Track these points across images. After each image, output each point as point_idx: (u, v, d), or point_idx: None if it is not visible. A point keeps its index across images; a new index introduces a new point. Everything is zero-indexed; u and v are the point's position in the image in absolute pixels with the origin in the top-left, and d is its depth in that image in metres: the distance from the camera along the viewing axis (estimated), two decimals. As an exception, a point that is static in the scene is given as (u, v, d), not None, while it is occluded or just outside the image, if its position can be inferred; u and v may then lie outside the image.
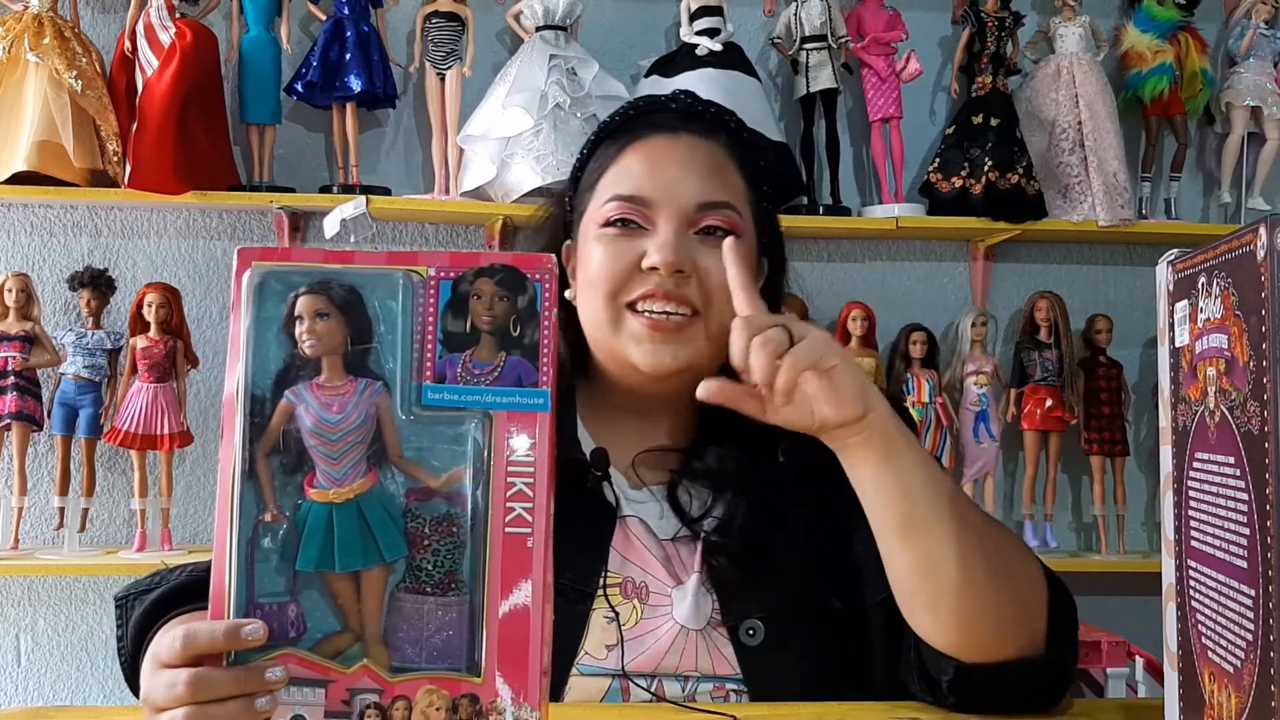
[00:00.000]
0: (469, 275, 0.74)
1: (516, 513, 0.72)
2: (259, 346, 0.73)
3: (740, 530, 1.03)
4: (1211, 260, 0.70)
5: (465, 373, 0.73)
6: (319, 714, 0.71)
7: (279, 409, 0.73)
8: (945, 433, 2.57)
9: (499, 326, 0.73)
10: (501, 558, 0.71)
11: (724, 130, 1.10)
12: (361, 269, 0.74)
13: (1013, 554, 0.92)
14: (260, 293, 0.73)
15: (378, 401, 0.73)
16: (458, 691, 0.71)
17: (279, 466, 0.72)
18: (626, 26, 2.69)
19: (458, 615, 0.72)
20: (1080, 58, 2.64)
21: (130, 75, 2.39)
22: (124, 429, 2.34)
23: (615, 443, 1.08)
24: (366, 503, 0.72)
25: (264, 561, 0.72)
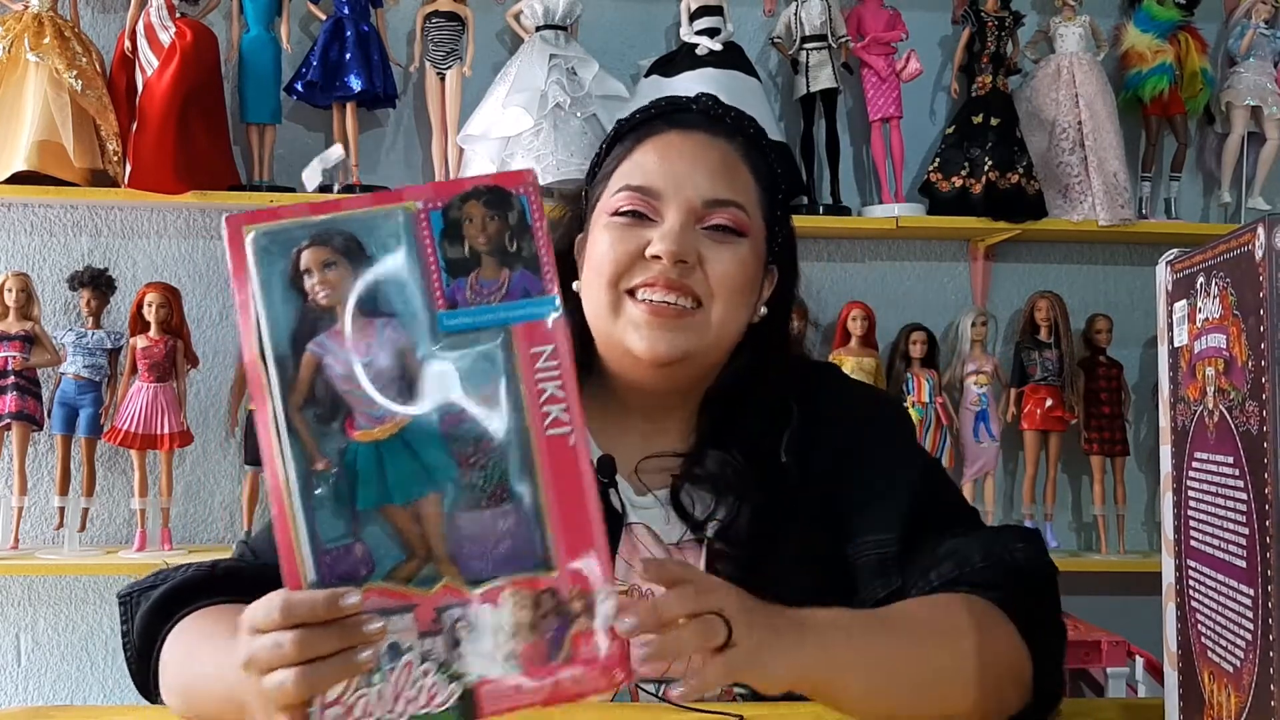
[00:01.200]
0: (456, 201, 0.76)
1: (553, 415, 0.75)
2: (269, 307, 0.74)
3: (744, 533, 1.03)
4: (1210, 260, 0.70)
5: (474, 294, 0.75)
6: (412, 635, 0.74)
7: (304, 363, 0.74)
8: (945, 433, 2.58)
9: (495, 245, 0.75)
10: (549, 460, 0.74)
11: (741, 134, 1.10)
12: (354, 213, 0.75)
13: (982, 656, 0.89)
14: (261, 254, 0.75)
15: (399, 336, 0.75)
16: (537, 588, 0.74)
17: (315, 417, 0.74)
18: (626, 26, 2.69)
19: (515, 522, 0.74)
20: (1080, 58, 2.64)
21: (130, 75, 2.39)
22: (124, 429, 2.34)
23: (620, 446, 1.08)
24: (410, 433, 0.75)
25: (321, 509, 0.74)
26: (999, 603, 0.93)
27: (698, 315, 1.03)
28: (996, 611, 0.92)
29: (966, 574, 0.96)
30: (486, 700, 0.74)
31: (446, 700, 0.74)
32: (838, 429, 1.09)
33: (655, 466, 1.08)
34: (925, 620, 0.91)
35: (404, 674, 0.74)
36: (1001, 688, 0.90)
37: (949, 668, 0.87)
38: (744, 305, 1.06)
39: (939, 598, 0.94)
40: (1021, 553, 0.99)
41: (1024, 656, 0.91)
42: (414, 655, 0.74)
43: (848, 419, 1.10)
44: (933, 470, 1.13)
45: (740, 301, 1.05)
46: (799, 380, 1.12)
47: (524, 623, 0.74)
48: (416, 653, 0.74)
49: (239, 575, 1.01)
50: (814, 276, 2.70)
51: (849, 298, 2.66)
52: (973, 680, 0.87)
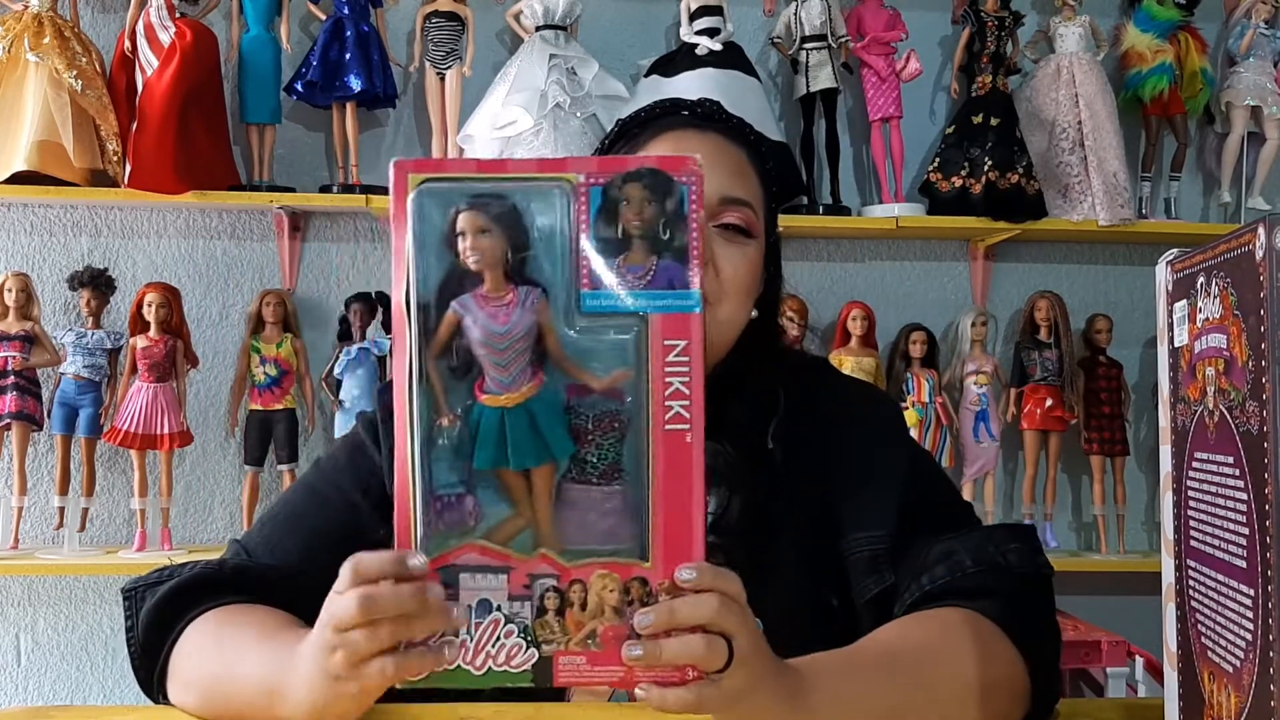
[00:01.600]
0: (617, 180, 0.76)
1: (675, 410, 0.75)
2: (422, 258, 0.75)
3: (736, 525, 1.03)
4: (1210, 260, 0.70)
5: (619, 278, 0.75)
6: (503, 596, 0.75)
7: (445, 320, 0.75)
8: (945, 432, 2.58)
9: (648, 230, 0.75)
10: (664, 454, 0.75)
11: (745, 141, 1.11)
12: (517, 181, 0.76)
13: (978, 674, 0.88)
14: (421, 205, 0.75)
15: (540, 308, 0.75)
16: (629, 575, 0.75)
17: (448, 371, 0.75)
18: (626, 26, 2.69)
19: (621, 502, 0.76)
20: (1080, 57, 2.64)
21: (130, 75, 2.39)
22: (124, 429, 2.34)
23: None
24: (535, 405, 0.76)
25: (440, 460, 0.75)
26: (993, 613, 0.93)
27: (706, 313, 1.03)
28: (992, 628, 0.92)
29: (959, 579, 0.96)
30: (561, 671, 0.75)
31: (524, 663, 0.75)
32: (831, 424, 1.09)
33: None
34: (921, 654, 0.89)
35: (489, 630, 0.75)
36: (1000, 708, 0.90)
37: (949, 701, 0.87)
38: (747, 306, 1.07)
39: (934, 618, 0.93)
40: (1014, 554, 0.98)
41: (1021, 671, 0.91)
42: (501, 614, 0.75)
43: (841, 414, 1.10)
44: (925, 466, 1.12)
45: (746, 301, 1.06)
46: (793, 375, 1.12)
47: (610, 604, 0.75)
48: (505, 612, 0.75)
49: (247, 573, 1.01)
50: (814, 276, 2.72)
51: (849, 298, 2.66)
52: (973, 708, 0.87)
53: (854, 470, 1.06)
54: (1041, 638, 0.94)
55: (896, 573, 1.00)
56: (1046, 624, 0.96)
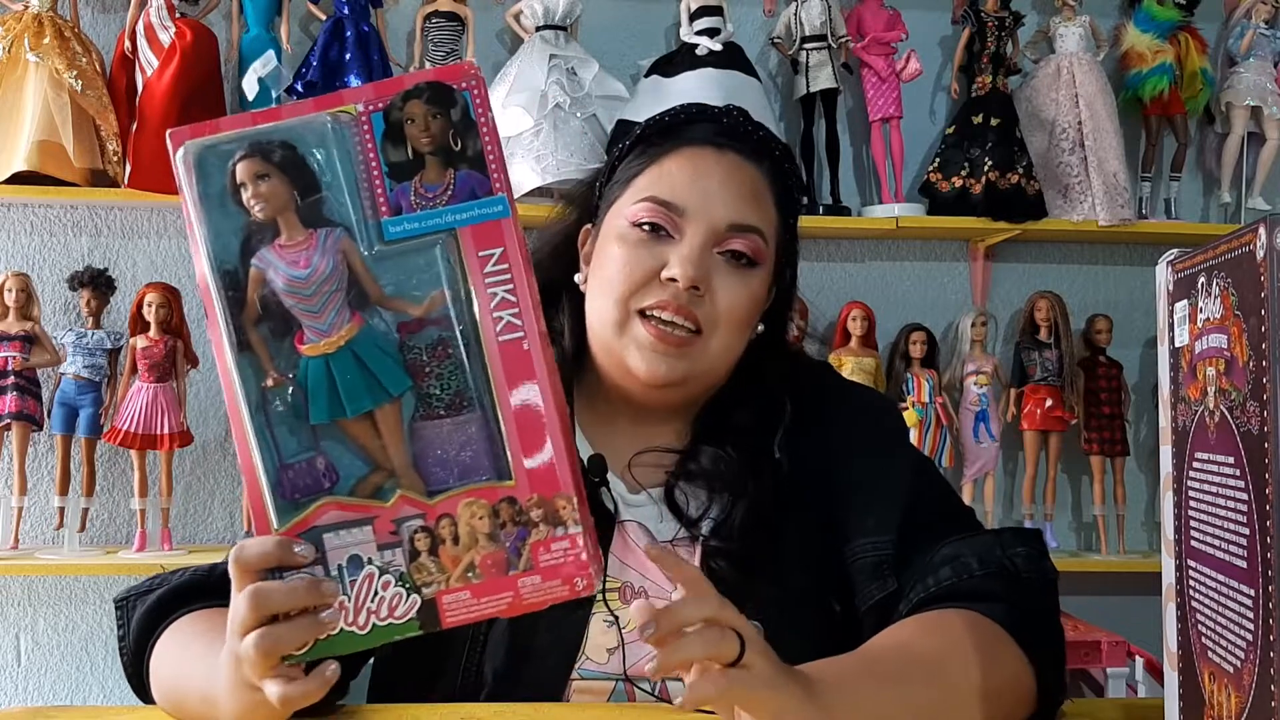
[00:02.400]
0: (396, 101, 0.73)
1: (505, 320, 0.73)
2: (211, 223, 0.73)
3: (738, 531, 1.03)
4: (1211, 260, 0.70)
5: (418, 199, 0.73)
6: (371, 548, 0.73)
7: (250, 279, 0.73)
8: (945, 433, 2.58)
9: (439, 145, 0.73)
10: (503, 365, 0.73)
11: (768, 157, 1.09)
12: (289, 122, 0.73)
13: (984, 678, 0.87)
14: (200, 169, 0.73)
15: (342, 247, 0.73)
16: (495, 498, 0.73)
17: (269, 333, 0.73)
18: (626, 26, 2.69)
19: (476, 429, 0.73)
20: (1080, 58, 2.64)
21: (130, 75, 2.39)
22: (124, 429, 2.34)
23: (612, 445, 1.08)
24: (359, 345, 0.73)
25: (280, 425, 0.73)
26: (998, 616, 0.92)
27: (698, 343, 1.02)
28: (998, 631, 0.91)
29: (965, 582, 0.95)
30: (447, 611, 0.73)
31: (408, 611, 0.73)
32: (833, 429, 1.09)
33: (648, 464, 1.08)
34: (930, 657, 0.89)
35: (365, 586, 0.73)
36: (1005, 710, 0.90)
37: (957, 704, 0.86)
38: (745, 335, 1.06)
39: (941, 621, 0.93)
40: (1020, 558, 0.98)
41: (1028, 673, 0.91)
42: (374, 567, 0.73)
43: (843, 419, 1.10)
44: (927, 471, 1.12)
45: (741, 333, 1.05)
46: (794, 379, 1.12)
47: (482, 532, 0.73)
48: (376, 564, 0.73)
49: None
50: (814, 276, 2.71)
51: (849, 298, 2.66)
52: (980, 711, 0.86)
53: (858, 477, 1.06)
54: (1046, 640, 0.94)
55: (900, 578, 1.00)
56: (1051, 627, 0.96)
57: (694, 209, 1.03)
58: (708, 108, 1.12)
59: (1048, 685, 0.92)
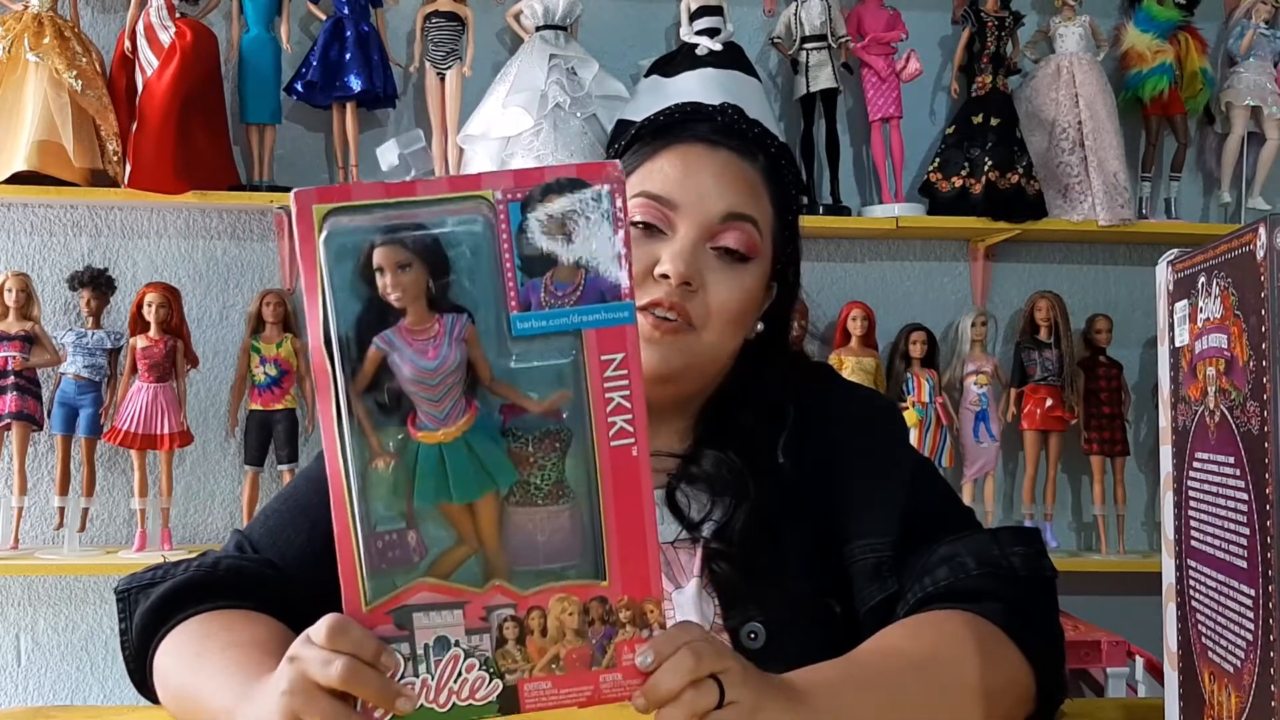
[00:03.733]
0: (536, 194, 0.72)
1: (618, 426, 0.73)
2: (337, 295, 0.71)
3: (740, 534, 1.03)
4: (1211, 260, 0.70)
5: (549, 297, 0.72)
6: (460, 631, 0.73)
7: (369, 357, 0.71)
8: (945, 433, 2.58)
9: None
10: (612, 469, 0.73)
11: (763, 153, 1.09)
12: (430, 205, 0.72)
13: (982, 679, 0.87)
14: (332, 248, 0.71)
15: (467, 336, 0.72)
16: (587, 596, 0.74)
17: (376, 407, 0.72)
18: (626, 26, 2.69)
19: (569, 521, 0.74)
20: (1080, 58, 2.64)
21: (130, 75, 2.39)
22: (124, 429, 2.34)
23: None
24: (473, 437, 0.73)
25: (377, 497, 0.73)
26: (996, 616, 0.92)
27: (690, 335, 1.02)
28: (995, 630, 0.91)
29: (962, 581, 0.95)
30: (528, 698, 0.74)
31: (489, 695, 0.74)
32: (833, 430, 1.09)
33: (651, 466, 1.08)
34: (921, 659, 0.89)
35: (449, 666, 0.73)
36: (1004, 711, 0.89)
37: (952, 705, 0.86)
38: (738, 331, 1.06)
39: (936, 621, 0.92)
40: (1019, 558, 0.98)
41: (1027, 674, 0.91)
42: (460, 650, 0.73)
43: (843, 421, 1.10)
44: (927, 472, 1.12)
45: (735, 328, 1.05)
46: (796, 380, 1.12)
47: (571, 627, 0.74)
48: (463, 647, 0.73)
49: (241, 574, 1.00)
50: (814, 276, 2.70)
51: (849, 298, 2.66)
52: (977, 711, 0.86)
53: (858, 479, 1.06)
54: (1045, 639, 0.94)
55: (900, 580, 1.00)
56: (1050, 626, 0.96)
57: (686, 203, 1.03)
58: (702, 106, 1.12)
59: (1047, 684, 0.92)
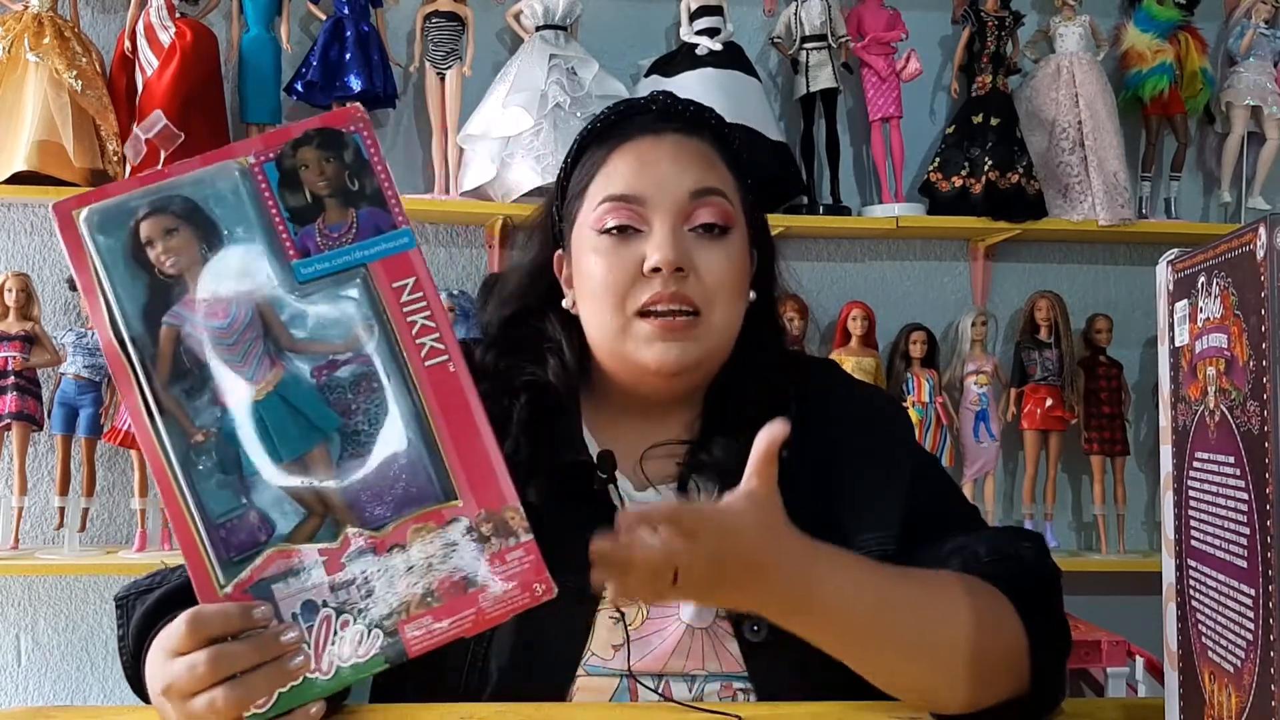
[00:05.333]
0: (288, 149, 0.75)
1: (428, 345, 0.74)
2: (116, 286, 0.73)
3: None
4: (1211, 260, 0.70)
5: (324, 240, 0.75)
6: (325, 591, 0.73)
7: (163, 336, 0.73)
8: (945, 432, 2.58)
9: (336, 187, 0.75)
10: (434, 389, 0.74)
11: (706, 127, 1.10)
12: (188, 176, 0.74)
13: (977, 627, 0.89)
14: (98, 233, 0.72)
15: (254, 294, 0.73)
16: (444, 520, 0.74)
17: (183, 392, 0.73)
18: (626, 26, 2.69)
19: (408, 459, 0.74)
20: (1080, 57, 2.64)
21: (130, 75, 2.39)
22: (124, 429, 2.34)
23: (620, 444, 1.08)
24: (285, 389, 0.74)
25: (205, 482, 0.73)
26: (1007, 592, 0.93)
27: (700, 323, 1.03)
28: (1005, 602, 0.92)
29: (972, 569, 0.96)
30: (412, 640, 0.73)
31: (371, 648, 0.73)
32: (837, 427, 1.09)
33: (660, 456, 1.08)
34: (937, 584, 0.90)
35: (323, 630, 0.73)
36: (995, 669, 0.90)
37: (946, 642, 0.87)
38: (739, 302, 1.07)
39: (957, 574, 0.94)
40: (1028, 552, 0.99)
41: (1023, 645, 0.91)
42: (330, 609, 0.73)
43: (848, 416, 1.10)
44: (931, 468, 1.13)
45: (736, 301, 1.06)
46: (801, 376, 1.12)
47: (435, 555, 0.73)
48: (332, 606, 0.73)
49: None
50: (814, 276, 2.71)
51: (849, 298, 2.66)
52: (964, 650, 0.87)
53: (862, 474, 1.06)
54: (1050, 628, 0.94)
55: None
56: (1055, 617, 0.96)
57: (652, 195, 1.04)
58: (634, 101, 1.13)
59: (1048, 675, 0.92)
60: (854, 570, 0.86)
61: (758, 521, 0.80)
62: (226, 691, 0.71)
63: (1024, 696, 0.91)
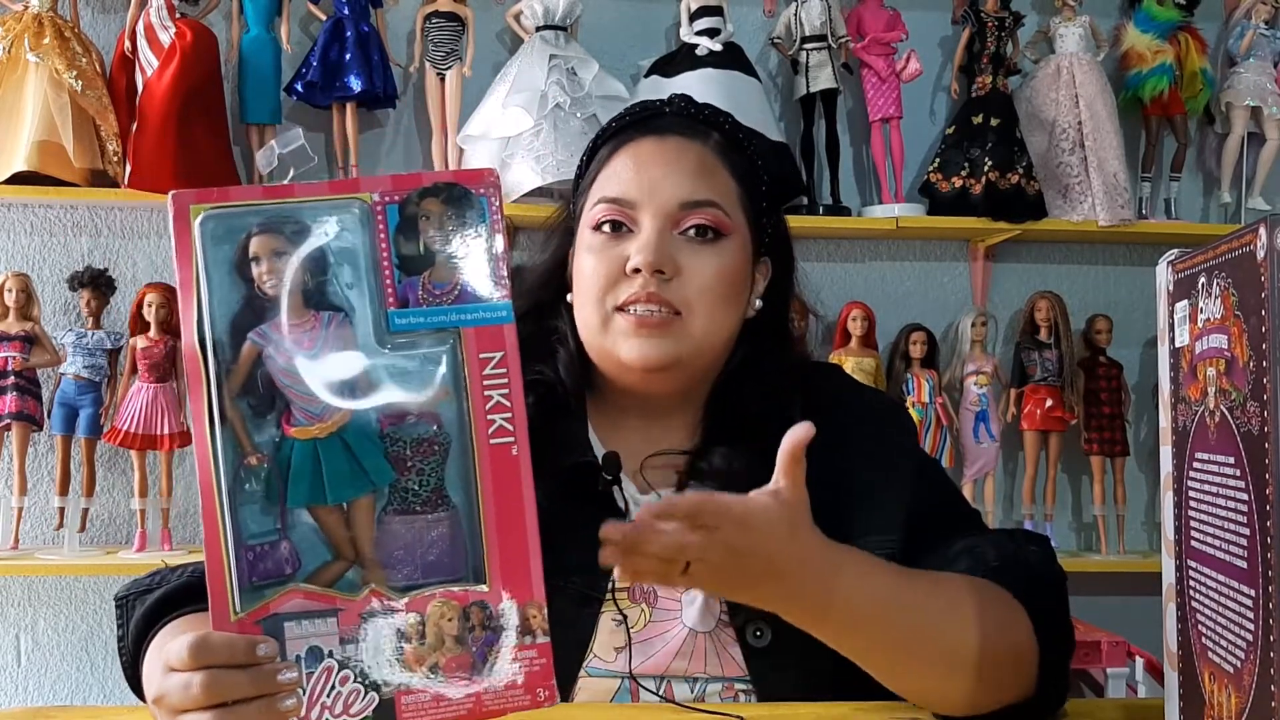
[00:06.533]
0: (414, 197, 0.73)
1: (498, 424, 0.73)
2: (213, 291, 0.72)
3: None
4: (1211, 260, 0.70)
5: (426, 295, 0.73)
6: (334, 641, 0.72)
7: (245, 352, 0.72)
8: (945, 433, 2.57)
9: (453, 245, 0.74)
10: (492, 469, 0.73)
11: (717, 130, 1.10)
12: (309, 201, 0.73)
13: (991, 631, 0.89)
14: (208, 235, 0.71)
15: (344, 334, 0.73)
16: (467, 601, 0.72)
17: (249, 409, 0.72)
18: (626, 26, 2.69)
19: (449, 529, 0.73)
20: (1080, 58, 2.64)
21: (130, 75, 2.39)
22: (124, 429, 2.34)
23: (623, 448, 1.08)
24: (349, 433, 0.73)
25: (249, 504, 0.72)
26: (1018, 595, 0.93)
27: (679, 323, 1.03)
28: (1014, 603, 0.92)
29: (981, 571, 0.96)
30: (405, 712, 0.72)
31: (364, 709, 0.72)
32: (842, 430, 1.09)
33: (659, 465, 1.08)
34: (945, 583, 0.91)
35: (322, 679, 0.72)
36: (1005, 671, 0.90)
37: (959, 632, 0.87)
38: (729, 308, 1.06)
39: (965, 576, 0.94)
40: (1036, 555, 0.99)
41: (1033, 648, 0.91)
42: (334, 660, 0.71)
43: (852, 420, 1.10)
44: (933, 472, 1.13)
45: (723, 307, 1.05)
46: (805, 381, 1.12)
47: (450, 634, 0.72)
48: (337, 658, 0.72)
49: None
50: (814, 276, 2.69)
51: (849, 298, 2.66)
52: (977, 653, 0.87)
53: (866, 477, 1.06)
54: (1057, 630, 0.94)
55: None
56: (1063, 622, 0.97)
57: (643, 198, 1.04)
58: (650, 102, 1.14)
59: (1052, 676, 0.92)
60: (875, 575, 0.86)
61: (782, 520, 0.79)
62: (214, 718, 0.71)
63: (1029, 698, 0.92)
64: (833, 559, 0.83)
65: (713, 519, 0.76)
